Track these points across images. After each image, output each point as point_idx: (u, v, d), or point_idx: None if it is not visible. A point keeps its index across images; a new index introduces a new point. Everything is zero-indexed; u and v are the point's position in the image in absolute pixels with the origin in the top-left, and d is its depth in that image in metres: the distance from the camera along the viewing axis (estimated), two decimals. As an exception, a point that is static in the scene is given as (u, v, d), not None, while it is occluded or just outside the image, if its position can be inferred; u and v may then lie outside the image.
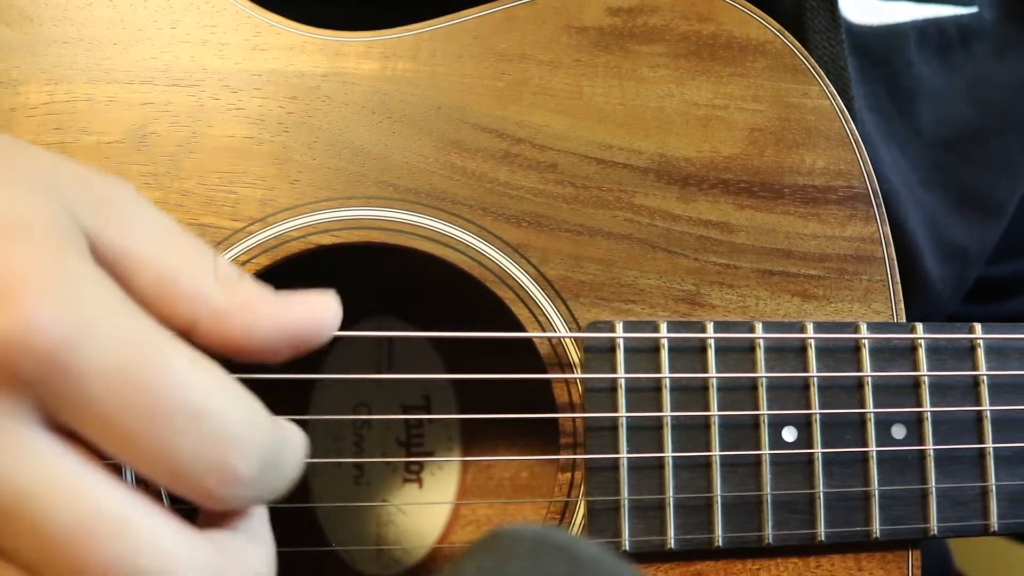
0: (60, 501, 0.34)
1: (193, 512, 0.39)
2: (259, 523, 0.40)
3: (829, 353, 0.57)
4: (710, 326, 0.56)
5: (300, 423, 0.69)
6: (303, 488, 0.70)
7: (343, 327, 0.69)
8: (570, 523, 0.56)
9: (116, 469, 0.37)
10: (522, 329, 0.56)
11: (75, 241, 0.36)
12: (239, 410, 0.36)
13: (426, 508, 0.71)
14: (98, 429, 0.35)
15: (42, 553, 0.34)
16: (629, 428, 0.55)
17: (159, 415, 0.34)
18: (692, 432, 0.55)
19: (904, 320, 0.58)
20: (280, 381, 0.56)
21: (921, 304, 0.70)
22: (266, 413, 0.38)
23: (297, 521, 0.69)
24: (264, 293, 0.41)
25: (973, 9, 0.71)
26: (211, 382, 0.36)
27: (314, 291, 0.42)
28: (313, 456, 0.69)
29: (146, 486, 0.48)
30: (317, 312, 0.42)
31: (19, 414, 0.34)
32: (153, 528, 0.35)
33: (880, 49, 0.69)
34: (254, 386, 0.55)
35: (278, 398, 0.58)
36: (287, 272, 0.57)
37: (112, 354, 0.34)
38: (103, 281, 0.36)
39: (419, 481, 0.71)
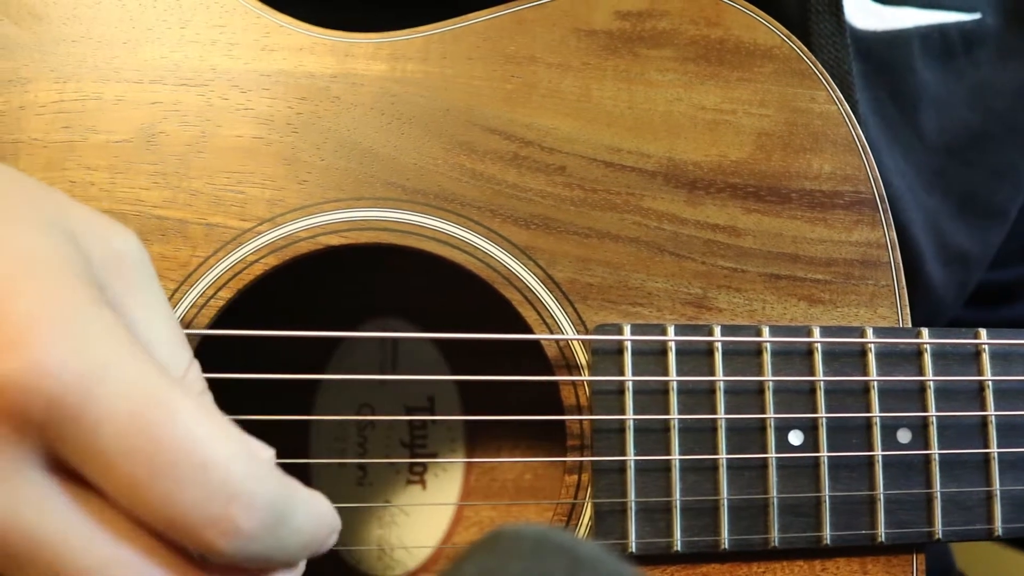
0: (64, 550, 0.34)
1: None
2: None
3: (835, 357, 0.57)
4: (717, 329, 0.56)
5: (303, 423, 0.70)
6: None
7: (347, 328, 0.70)
8: (577, 525, 0.56)
9: None
10: (529, 331, 0.56)
11: (89, 284, 0.36)
12: (244, 463, 0.36)
13: (429, 510, 0.71)
14: (102, 474, 0.35)
15: None
16: (636, 430, 0.55)
17: (163, 464, 0.34)
18: (699, 435, 0.56)
19: (910, 325, 0.59)
20: (284, 382, 0.56)
21: (923, 308, 0.71)
22: (275, 470, 0.38)
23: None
24: (217, 417, 0.40)
25: (976, 16, 0.71)
26: (218, 434, 0.36)
27: (258, 442, 0.40)
28: (316, 457, 0.70)
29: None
30: (265, 454, 0.41)
31: (26, 458, 0.34)
32: None
33: (884, 54, 0.69)
34: (258, 387, 0.55)
35: (282, 400, 0.59)
36: (295, 272, 0.57)
37: (121, 400, 0.34)
38: (115, 326, 0.36)
39: (422, 483, 0.71)
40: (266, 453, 0.40)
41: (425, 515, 0.71)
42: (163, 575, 0.36)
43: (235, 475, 0.35)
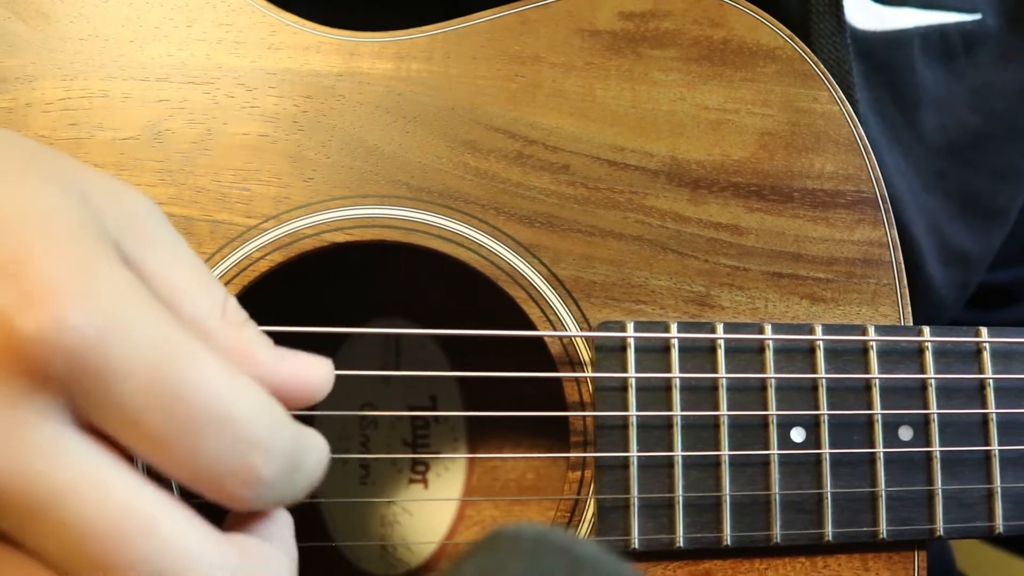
0: (89, 499, 0.34)
1: (220, 513, 0.39)
2: (284, 528, 0.41)
3: (837, 355, 0.57)
4: (720, 327, 0.57)
5: (306, 420, 0.70)
6: (308, 487, 0.70)
7: (351, 326, 0.70)
8: (580, 521, 0.56)
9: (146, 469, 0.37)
10: (533, 329, 0.57)
11: (105, 243, 0.37)
12: (264, 415, 0.37)
13: (431, 508, 0.71)
14: (126, 429, 0.35)
15: (69, 551, 0.34)
16: (639, 427, 0.55)
17: (187, 418, 0.35)
18: (701, 431, 0.56)
19: (911, 323, 0.59)
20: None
21: (924, 308, 0.71)
22: (289, 418, 0.38)
23: (302, 520, 0.69)
24: (264, 344, 0.42)
25: (977, 16, 0.72)
26: (238, 388, 0.36)
27: (313, 355, 0.43)
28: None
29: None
30: (311, 374, 0.42)
31: (50, 412, 0.34)
32: (180, 530, 0.35)
33: (884, 55, 0.69)
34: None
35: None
36: (300, 269, 0.57)
37: (143, 356, 0.34)
38: (134, 283, 0.36)
39: (425, 482, 0.72)
40: (322, 367, 0.43)
41: (427, 514, 0.71)
42: (183, 519, 0.36)
43: (256, 427, 0.36)
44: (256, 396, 0.37)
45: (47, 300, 0.33)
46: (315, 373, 0.43)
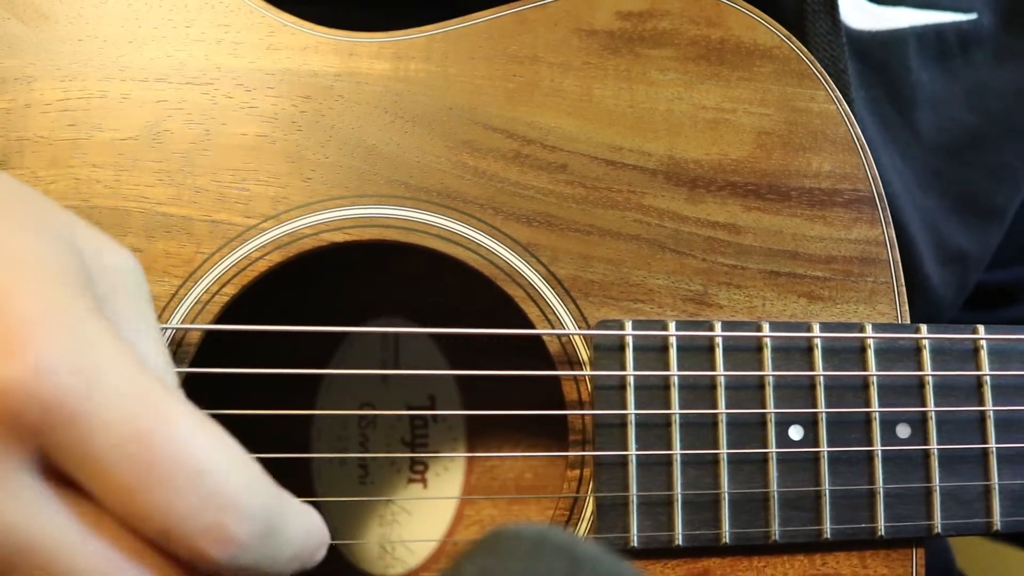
0: (56, 556, 0.34)
1: None
2: None
3: (835, 353, 0.57)
4: (718, 325, 0.57)
5: (306, 422, 0.70)
6: (308, 488, 0.70)
7: (350, 326, 0.70)
8: (579, 519, 0.56)
9: None
10: (532, 328, 0.57)
11: (87, 293, 0.36)
12: (238, 473, 0.36)
13: (430, 508, 0.71)
14: (97, 480, 0.35)
15: None
16: (638, 425, 0.56)
17: (158, 471, 0.34)
18: (700, 430, 0.56)
19: (908, 322, 0.59)
20: (286, 380, 0.57)
21: (922, 307, 0.71)
22: (269, 481, 0.38)
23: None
24: None
25: (972, 16, 0.72)
26: (213, 443, 0.36)
27: None
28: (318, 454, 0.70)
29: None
30: None
31: (20, 462, 0.34)
32: None
33: (880, 54, 0.70)
34: (260, 386, 0.55)
35: (284, 399, 0.59)
36: (299, 270, 0.57)
37: (117, 407, 0.34)
38: (112, 334, 0.36)
39: (423, 481, 0.72)
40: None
41: (426, 513, 0.71)
42: None
43: (230, 484, 0.35)
44: (232, 453, 0.36)
45: (25, 346, 0.33)
46: None
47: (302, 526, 0.38)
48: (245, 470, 0.36)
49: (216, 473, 0.35)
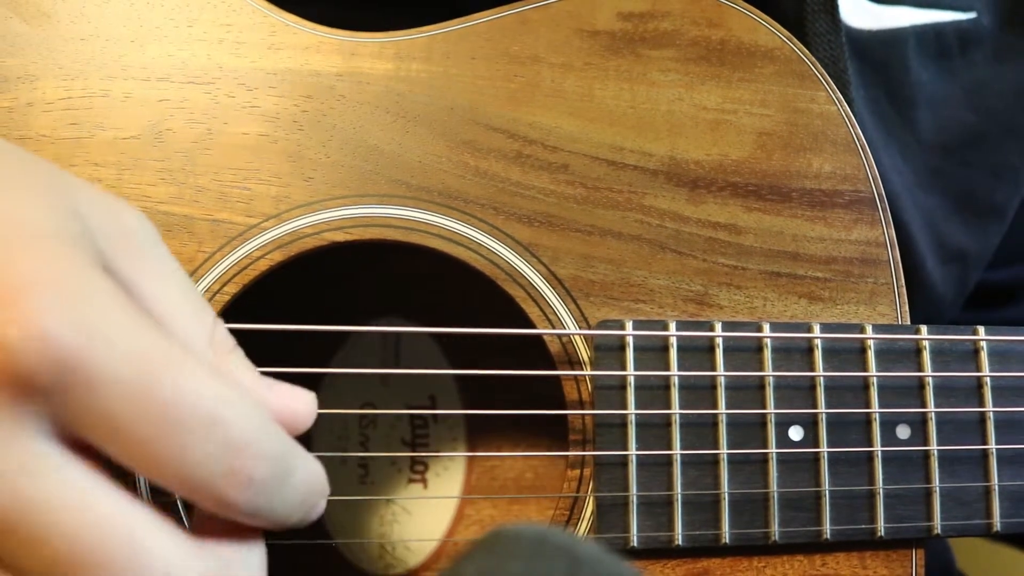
0: (69, 515, 0.34)
1: None
2: (252, 532, 0.40)
3: (835, 354, 0.57)
4: (718, 326, 0.57)
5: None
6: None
7: (351, 325, 0.70)
8: (579, 519, 0.56)
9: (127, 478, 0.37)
10: (533, 328, 0.57)
11: (90, 254, 0.37)
12: (251, 418, 0.37)
13: (430, 508, 0.71)
14: (110, 438, 0.35)
15: (49, 567, 0.34)
16: (638, 425, 0.56)
17: (172, 423, 0.35)
18: (700, 430, 0.56)
19: (909, 323, 0.59)
20: (286, 379, 0.57)
21: (923, 307, 0.71)
22: (279, 428, 0.39)
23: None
24: (250, 372, 0.42)
25: (972, 15, 0.72)
26: (223, 391, 0.36)
27: (297, 387, 0.43)
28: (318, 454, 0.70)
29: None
30: (296, 404, 0.43)
31: (32, 425, 0.34)
32: (162, 544, 0.35)
33: (879, 54, 0.70)
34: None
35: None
36: (300, 268, 0.57)
37: (128, 363, 0.34)
38: (117, 293, 0.36)
39: (424, 481, 0.72)
40: (304, 397, 0.43)
41: (426, 513, 0.71)
42: (167, 536, 0.36)
43: (244, 429, 0.36)
44: (244, 400, 0.37)
45: (29, 308, 0.33)
46: (299, 403, 0.43)
47: (310, 472, 0.40)
48: (257, 415, 0.37)
49: (230, 419, 0.36)
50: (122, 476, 0.37)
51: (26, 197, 0.37)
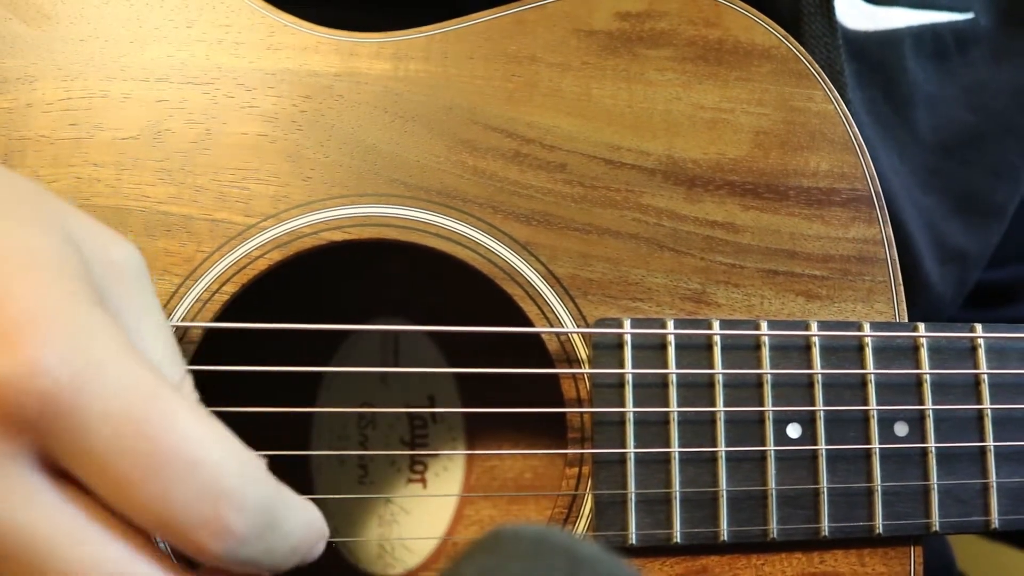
0: (54, 549, 0.34)
1: None
2: None
3: (833, 351, 0.58)
4: (716, 324, 0.57)
5: (305, 422, 0.71)
6: (307, 487, 0.70)
7: (349, 325, 0.70)
8: (577, 517, 0.56)
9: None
10: (531, 327, 0.57)
11: (86, 285, 0.36)
12: (236, 465, 0.36)
13: (430, 508, 0.71)
14: (96, 474, 0.34)
15: None
16: (636, 423, 0.56)
17: (156, 463, 0.34)
18: (698, 427, 0.56)
19: (906, 320, 0.59)
20: (286, 379, 0.57)
21: (922, 306, 0.71)
22: (267, 474, 0.37)
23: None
24: None
25: (969, 15, 0.72)
26: (211, 435, 0.36)
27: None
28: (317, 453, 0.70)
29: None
30: None
31: (18, 456, 0.34)
32: None
33: (876, 54, 0.70)
34: (260, 386, 0.55)
35: (284, 399, 0.59)
36: (299, 268, 0.57)
37: (115, 400, 0.34)
38: (110, 326, 0.36)
39: (423, 481, 0.72)
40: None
41: (425, 513, 0.71)
42: (153, 571, 0.35)
43: (227, 475, 0.35)
44: (231, 445, 0.36)
45: (21, 341, 0.33)
46: None
47: (301, 520, 0.38)
48: (243, 462, 0.36)
49: (213, 464, 0.35)
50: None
51: (26, 226, 0.37)
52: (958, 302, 0.77)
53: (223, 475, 0.35)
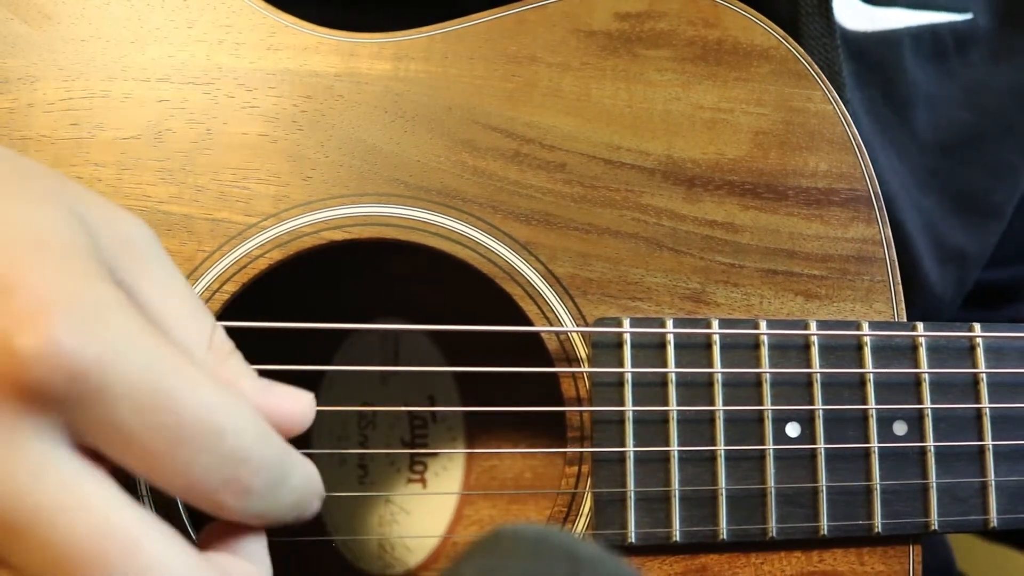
0: (74, 518, 0.34)
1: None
2: (258, 545, 0.42)
3: (832, 350, 0.58)
4: (715, 323, 0.57)
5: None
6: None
7: (349, 324, 0.70)
8: (576, 516, 0.56)
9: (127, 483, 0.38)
10: (531, 326, 0.57)
11: (99, 263, 0.37)
12: (253, 429, 0.38)
13: (429, 507, 0.71)
14: (123, 448, 0.36)
15: (51, 569, 0.34)
16: (635, 422, 0.56)
17: (181, 434, 0.36)
18: (697, 426, 0.56)
19: (905, 320, 0.59)
20: (285, 377, 0.57)
21: (921, 306, 0.71)
22: (276, 434, 0.40)
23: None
24: (248, 375, 0.43)
25: (968, 16, 0.72)
26: (229, 403, 0.37)
27: (295, 388, 0.44)
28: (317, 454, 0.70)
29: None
30: (294, 405, 0.44)
31: (45, 432, 0.35)
32: (162, 551, 0.35)
33: (875, 55, 0.70)
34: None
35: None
36: (299, 268, 0.57)
37: (140, 375, 0.35)
38: (126, 304, 0.36)
39: (423, 481, 0.72)
40: (302, 399, 0.44)
41: (425, 513, 0.72)
42: (165, 541, 0.36)
43: (245, 440, 0.37)
44: (244, 411, 0.38)
45: (43, 320, 0.34)
46: (297, 405, 0.44)
47: (304, 476, 0.41)
48: (256, 426, 0.38)
49: (233, 431, 0.37)
50: (125, 482, 0.37)
51: (34, 207, 0.37)
52: (957, 302, 0.77)
53: (243, 441, 0.37)
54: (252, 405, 0.40)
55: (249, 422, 0.38)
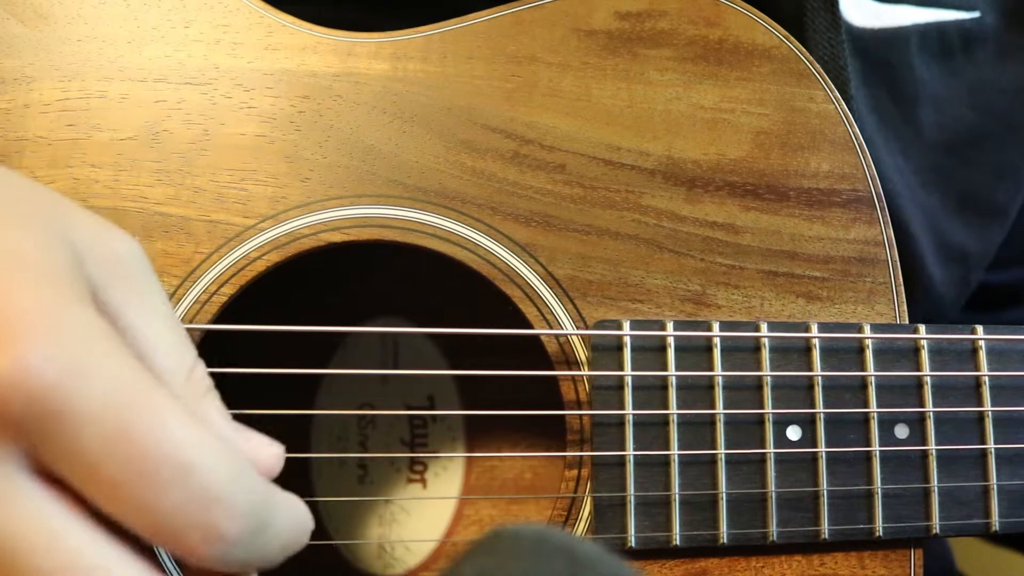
0: (40, 549, 0.33)
1: None
2: None
3: (833, 353, 0.57)
4: (716, 325, 0.57)
5: (305, 423, 0.70)
6: (307, 488, 0.70)
7: (349, 326, 0.70)
8: (576, 519, 0.56)
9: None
10: (530, 328, 0.57)
11: (78, 286, 0.36)
12: (227, 469, 0.35)
13: (429, 508, 0.71)
14: (85, 476, 0.34)
15: None
16: (635, 425, 0.56)
17: (147, 466, 0.34)
18: (698, 430, 0.56)
19: (907, 322, 0.59)
20: (285, 381, 0.57)
21: (924, 307, 0.71)
22: (257, 476, 0.37)
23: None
24: (223, 417, 0.40)
25: (975, 14, 0.72)
26: (201, 439, 0.35)
27: (267, 438, 0.41)
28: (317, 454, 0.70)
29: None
30: (264, 455, 0.41)
31: (6, 457, 0.33)
32: None
33: (881, 52, 0.69)
34: (259, 387, 0.55)
35: (283, 400, 0.59)
36: (297, 269, 0.57)
37: (106, 402, 0.33)
38: (102, 328, 0.35)
39: (423, 482, 0.72)
40: (273, 449, 0.40)
41: (425, 513, 0.71)
42: (136, 574, 0.35)
43: (218, 480, 0.35)
44: (217, 449, 0.35)
45: (8, 340, 0.33)
46: (268, 455, 0.41)
47: (289, 518, 0.38)
48: (233, 465, 0.36)
49: (204, 470, 0.34)
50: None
51: (14, 225, 0.36)
52: (960, 302, 0.77)
53: (214, 481, 0.35)
54: (228, 444, 0.37)
55: (223, 460, 0.35)
